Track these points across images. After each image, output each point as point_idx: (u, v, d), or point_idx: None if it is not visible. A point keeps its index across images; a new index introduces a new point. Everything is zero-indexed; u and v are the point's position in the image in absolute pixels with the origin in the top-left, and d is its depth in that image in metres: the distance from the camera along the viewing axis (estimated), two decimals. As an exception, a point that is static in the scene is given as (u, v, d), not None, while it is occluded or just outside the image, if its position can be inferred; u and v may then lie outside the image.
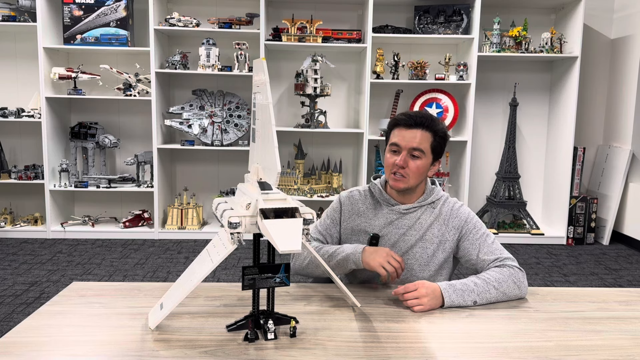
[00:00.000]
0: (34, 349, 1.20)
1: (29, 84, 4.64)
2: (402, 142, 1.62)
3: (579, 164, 4.68)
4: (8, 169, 4.59)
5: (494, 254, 1.60)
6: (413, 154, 1.62)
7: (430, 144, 1.63)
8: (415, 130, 1.62)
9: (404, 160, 1.61)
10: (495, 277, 1.52)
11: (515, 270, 1.55)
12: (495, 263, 1.59)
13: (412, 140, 1.61)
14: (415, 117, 1.63)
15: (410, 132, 1.62)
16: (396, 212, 1.70)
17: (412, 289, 1.45)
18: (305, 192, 4.61)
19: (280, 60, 4.75)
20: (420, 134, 1.62)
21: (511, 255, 1.62)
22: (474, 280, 1.51)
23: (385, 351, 1.22)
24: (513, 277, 1.53)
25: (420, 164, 1.62)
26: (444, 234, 1.67)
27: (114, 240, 4.49)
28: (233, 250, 1.20)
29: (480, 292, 1.49)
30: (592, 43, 4.84)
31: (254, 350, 1.20)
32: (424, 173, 1.65)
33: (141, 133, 4.78)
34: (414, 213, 1.69)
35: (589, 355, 1.23)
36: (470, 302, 1.47)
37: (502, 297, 1.51)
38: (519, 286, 1.53)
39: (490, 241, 1.64)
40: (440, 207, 1.70)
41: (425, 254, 1.67)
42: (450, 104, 4.60)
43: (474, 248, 1.64)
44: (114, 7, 4.39)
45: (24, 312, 2.94)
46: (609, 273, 3.91)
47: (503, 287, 1.51)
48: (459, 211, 1.70)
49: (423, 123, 1.62)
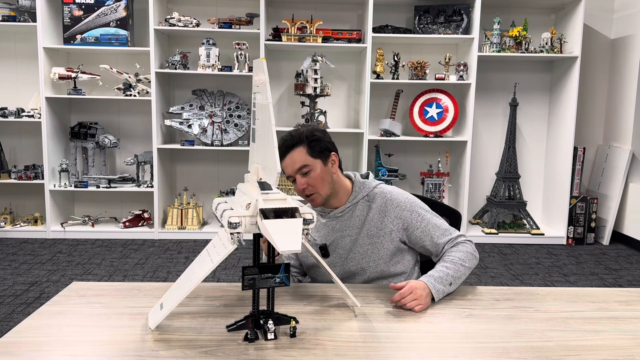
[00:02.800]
0: (34, 349, 1.20)
1: (29, 84, 4.64)
2: (288, 171, 1.66)
3: (579, 164, 4.67)
4: (8, 169, 4.59)
5: (445, 235, 1.68)
6: (303, 172, 1.64)
7: (308, 153, 1.64)
8: (289, 155, 1.64)
9: (301, 183, 1.65)
10: (459, 256, 1.62)
11: (469, 244, 1.68)
12: (450, 244, 1.67)
13: (292, 164, 1.64)
14: (282, 143, 1.64)
15: (287, 160, 1.65)
16: (333, 218, 1.75)
17: (407, 293, 1.47)
18: (305, 192, 4.60)
19: (280, 60, 4.75)
20: (295, 154, 1.64)
21: (459, 232, 1.71)
22: (444, 265, 1.60)
23: (385, 351, 1.22)
24: (470, 250, 1.66)
25: (316, 174, 1.65)
26: (386, 224, 1.70)
27: (114, 240, 4.49)
28: (233, 250, 1.20)
29: (452, 273, 1.57)
30: (592, 43, 4.84)
31: (254, 350, 1.21)
32: (326, 178, 1.67)
33: (141, 133, 4.78)
34: (349, 213, 1.73)
35: (589, 355, 1.23)
36: (448, 285, 1.55)
37: (467, 271, 1.62)
38: (475, 256, 1.66)
39: (437, 222, 1.71)
40: (375, 198, 1.73)
41: (374, 248, 1.70)
42: (450, 104, 4.60)
43: (426, 235, 1.69)
44: (114, 7, 4.39)
45: (24, 312, 2.94)
46: (609, 273, 3.90)
47: (467, 262, 1.62)
48: (398, 200, 1.72)
49: (289, 144, 1.64)
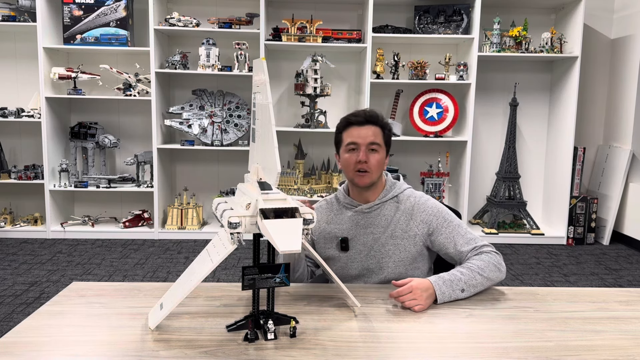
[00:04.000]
0: (34, 349, 1.20)
1: (29, 84, 4.64)
2: (359, 140, 1.68)
3: (579, 164, 4.67)
4: (8, 169, 4.59)
5: (470, 244, 1.65)
6: (372, 148, 1.68)
7: (383, 137, 1.71)
8: (368, 127, 1.69)
9: (365, 155, 1.67)
10: (478, 264, 1.58)
11: (494, 255, 1.62)
12: (474, 252, 1.63)
13: (368, 135, 1.68)
14: (365, 114, 1.71)
15: (364, 129, 1.69)
16: (359, 213, 1.74)
17: (406, 292, 1.46)
18: (305, 192, 4.60)
19: (280, 60, 4.75)
20: (374, 129, 1.70)
21: (486, 242, 1.67)
22: (459, 270, 1.56)
23: (385, 351, 1.22)
24: (493, 261, 1.60)
25: (379, 158, 1.69)
26: (412, 227, 1.70)
27: (114, 240, 4.49)
28: (233, 250, 1.20)
29: (466, 280, 1.53)
30: (592, 43, 4.84)
31: (254, 350, 1.20)
32: (382, 166, 1.72)
33: (141, 133, 4.77)
34: (377, 210, 1.73)
35: (589, 355, 1.23)
36: (459, 291, 1.51)
37: (487, 282, 1.57)
38: (499, 269, 1.60)
39: (464, 232, 1.69)
40: (404, 200, 1.73)
41: (396, 249, 1.69)
42: (450, 104, 4.60)
43: (450, 241, 1.67)
44: (114, 7, 4.38)
45: (24, 312, 2.94)
46: (609, 273, 3.90)
47: (486, 272, 1.56)
48: (425, 205, 1.72)
49: (373, 120, 1.71)
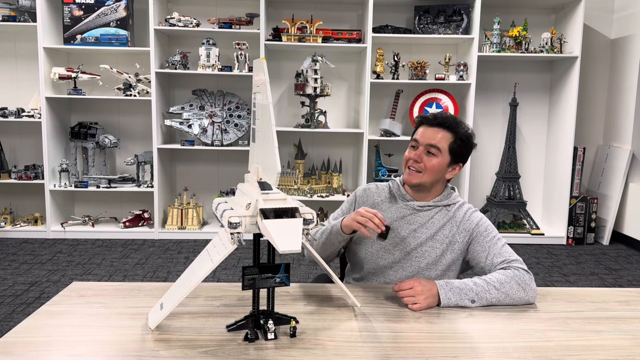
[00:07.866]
0: (34, 349, 1.20)
1: (29, 84, 4.64)
2: (421, 139, 1.66)
3: (579, 164, 4.67)
4: (8, 169, 4.59)
5: (501, 257, 1.58)
6: (429, 151, 1.65)
7: (449, 144, 1.66)
8: (436, 129, 1.66)
9: (418, 155, 1.65)
10: (497, 277, 1.50)
11: (521, 272, 1.51)
12: (502, 265, 1.56)
13: (431, 137, 1.65)
14: (439, 117, 1.68)
15: (431, 130, 1.66)
16: (410, 208, 1.70)
17: (407, 287, 1.45)
18: (306, 192, 4.60)
19: (280, 60, 4.75)
20: (441, 134, 1.66)
21: (520, 258, 1.59)
22: (474, 280, 1.50)
23: (385, 351, 1.22)
24: (517, 278, 1.49)
25: (435, 162, 1.65)
26: (455, 235, 1.67)
27: (114, 240, 4.49)
28: (233, 250, 1.20)
29: (479, 291, 1.46)
30: (592, 43, 4.84)
31: (254, 350, 1.20)
32: (439, 172, 1.67)
33: (141, 133, 4.78)
34: (428, 212, 1.70)
35: (589, 355, 1.23)
36: (468, 301, 1.45)
37: (504, 298, 1.47)
38: (524, 288, 1.48)
39: (500, 245, 1.63)
40: (455, 210, 1.71)
41: (434, 253, 1.66)
42: (450, 104, 4.60)
43: (483, 251, 1.62)
44: (114, 7, 4.39)
45: (24, 312, 2.94)
46: (609, 273, 3.90)
47: (505, 288, 1.47)
48: (472, 215, 1.70)
49: (445, 123, 1.66)
